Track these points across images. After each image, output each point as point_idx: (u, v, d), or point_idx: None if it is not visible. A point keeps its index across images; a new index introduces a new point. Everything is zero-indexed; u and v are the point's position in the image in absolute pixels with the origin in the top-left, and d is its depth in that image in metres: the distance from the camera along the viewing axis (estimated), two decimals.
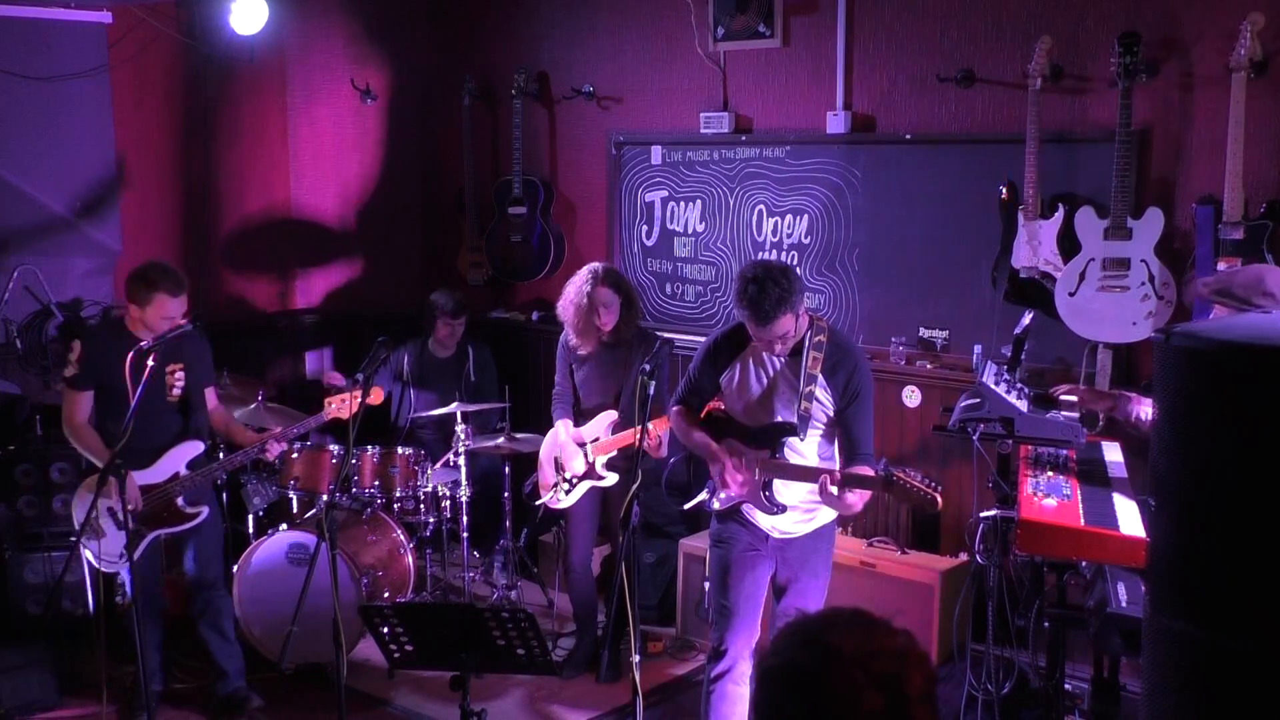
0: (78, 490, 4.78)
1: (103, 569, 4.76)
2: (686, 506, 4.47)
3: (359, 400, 4.99)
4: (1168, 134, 4.83)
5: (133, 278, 4.66)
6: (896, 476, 3.76)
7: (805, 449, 4.05)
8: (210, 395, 4.97)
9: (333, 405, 4.98)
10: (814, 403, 3.97)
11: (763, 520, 4.12)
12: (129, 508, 4.40)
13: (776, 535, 4.13)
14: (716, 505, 4.19)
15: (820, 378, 3.97)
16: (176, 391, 4.77)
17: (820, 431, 4.06)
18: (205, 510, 4.80)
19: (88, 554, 4.75)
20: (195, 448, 4.80)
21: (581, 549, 5.33)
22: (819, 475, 3.87)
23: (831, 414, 4.02)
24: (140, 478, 4.64)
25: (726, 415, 4.21)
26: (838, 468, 3.98)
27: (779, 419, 4.05)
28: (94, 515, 4.45)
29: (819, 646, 1.66)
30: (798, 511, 4.10)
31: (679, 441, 4.41)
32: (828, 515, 4.17)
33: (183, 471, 4.76)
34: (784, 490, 4.06)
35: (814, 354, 3.97)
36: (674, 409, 4.33)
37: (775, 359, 4.05)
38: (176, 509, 4.74)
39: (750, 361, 4.10)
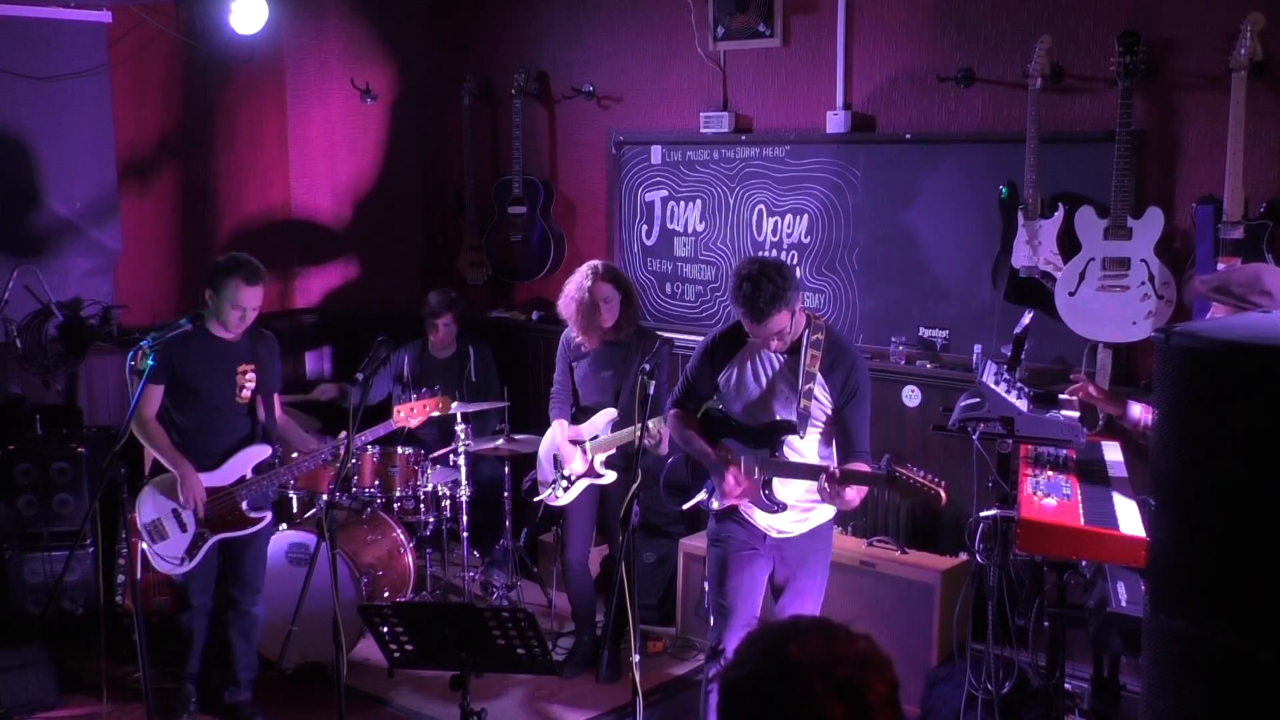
0: (143, 490, 4.68)
1: (168, 572, 4.71)
2: (685, 506, 4.46)
3: (428, 409, 4.99)
4: (1168, 134, 4.82)
5: (211, 266, 4.64)
6: (899, 473, 3.76)
7: (804, 447, 4.06)
8: (275, 402, 4.87)
9: (400, 414, 4.93)
10: (813, 401, 3.97)
11: (760, 519, 4.12)
12: (192, 509, 4.53)
13: (774, 534, 4.14)
14: (715, 505, 4.19)
15: (819, 376, 3.97)
16: (246, 393, 4.69)
17: (819, 430, 4.06)
18: (268, 516, 4.78)
19: (143, 546, 4.68)
20: (263, 451, 4.75)
21: (579, 547, 5.33)
22: (819, 472, 3.87)
23: (830, 412, 4.03)
24: (206, 479, 4.61)
25: (724, 415, 4.21)
26: (836, 465, 3.99)
27: (778, 418, 4.05)
28: (160, 519, 4.57)
29: (779, 657, 1.65)
30: (795, 510, 4.10)
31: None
32: (825, 515, 4.17)
33: (249, 475, 4.71)
34: (783, 489, 4.06)
35: (812, 352, 3.97)
36: (670, 412, 4.32)
37: (773, 358, 4.05)
38: (240, 513, 4.69)
39: (748, 361, 4.10)
